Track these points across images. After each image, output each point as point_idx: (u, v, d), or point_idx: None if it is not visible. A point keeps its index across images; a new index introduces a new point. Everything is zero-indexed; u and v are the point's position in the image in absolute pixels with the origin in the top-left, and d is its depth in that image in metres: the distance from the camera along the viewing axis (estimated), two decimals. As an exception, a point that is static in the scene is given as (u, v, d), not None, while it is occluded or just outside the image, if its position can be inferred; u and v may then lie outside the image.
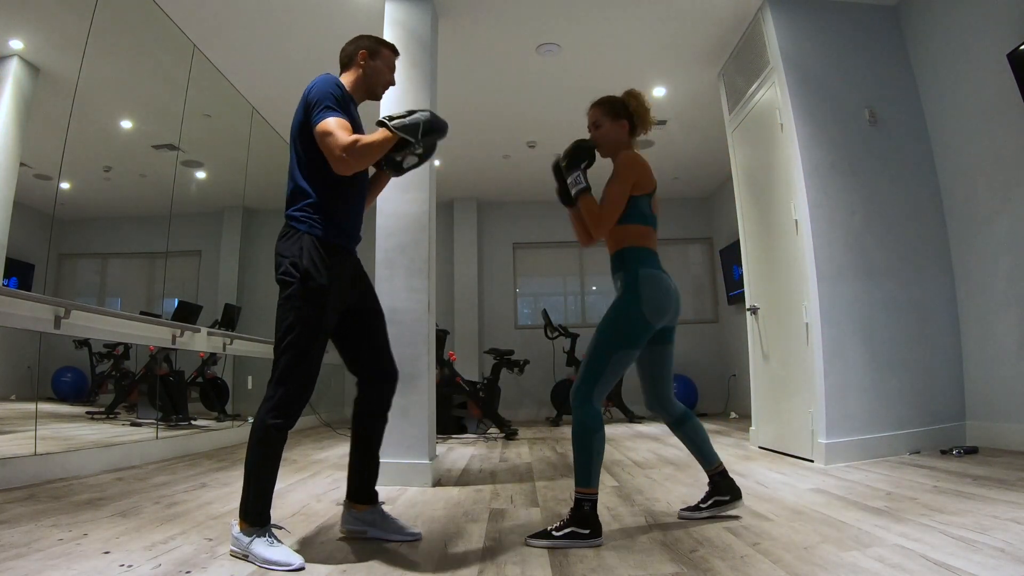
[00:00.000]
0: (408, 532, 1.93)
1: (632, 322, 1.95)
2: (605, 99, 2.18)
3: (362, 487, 1.96)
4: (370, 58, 2.00)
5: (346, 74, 2.02)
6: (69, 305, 3.06)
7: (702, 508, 2.11)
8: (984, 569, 1.42)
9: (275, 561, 1.61)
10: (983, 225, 3.30)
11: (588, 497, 1.86)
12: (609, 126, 2.13)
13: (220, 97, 4.70)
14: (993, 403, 3.22)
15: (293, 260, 1.80)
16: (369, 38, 2.04)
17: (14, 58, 3.45)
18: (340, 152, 1.72)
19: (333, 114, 1.77)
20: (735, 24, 3.91)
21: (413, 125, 1.81)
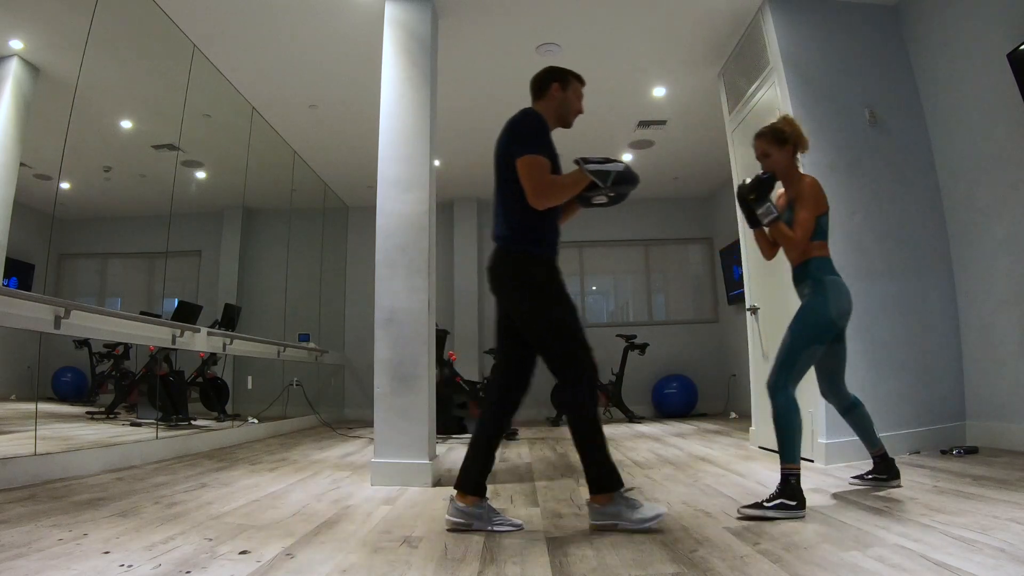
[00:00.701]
0: (511, 523, 2.02)
1: (822, 322, 2.28)
2: (767, 130, 2.44)
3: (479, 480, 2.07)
4: (562, 89, 2.18)
5: (539, 103, 2.20)
6: (69, 305, 3.06)
7: (866, 479, 2.47)
8: (984, 569, 1.42)
9: (650, 516, 1.89)
10: (983, 225, 3.30)
11: (793, 472, 2.11)
12: (777, 154, 2.41)
13: (220, 97, 4.71)
14: (993, 403, 3.22)
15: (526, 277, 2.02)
16: (561, 71, 2.21)
17: (14, 58, 3.45)
18: (536, 190, 1.97)
19: (535, 151, 1.99)
20: (735, 24, 3.91)
21: (605, 173, 2.04)
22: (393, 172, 3.18)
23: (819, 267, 2.33)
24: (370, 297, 3.16)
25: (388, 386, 2.99)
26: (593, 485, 1.96)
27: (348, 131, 5.41)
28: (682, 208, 7.66)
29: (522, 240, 2.04)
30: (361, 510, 2.35)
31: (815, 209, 2.32)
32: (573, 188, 2.03)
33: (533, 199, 1.97)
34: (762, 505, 2.05)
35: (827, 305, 2.28)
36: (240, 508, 2.34)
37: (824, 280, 2.31)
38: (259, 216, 6.04)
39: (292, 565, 1.64)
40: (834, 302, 2.29)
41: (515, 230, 2.05)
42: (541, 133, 2.06)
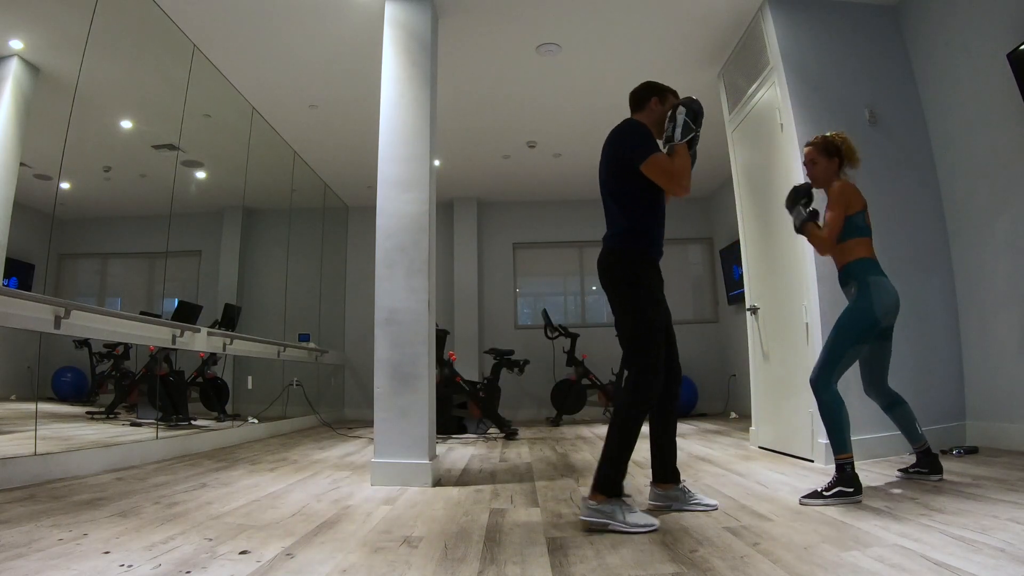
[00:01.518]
0: (706, 503, 2.21)
1: (867, 321, 2.39)
2: (819, 140, 2.58)
3: (666, 468, 2.28)
4: (660, 104, 2.33)
5: (638, 115, 2.35)
6: (69, 305, 3.06)
7: (909, 472, 2.55)
8: (984, 569, 1.42)
9: (640, 524, 1.92)
10: (983, 225, 3.30)
11: (847, 461, 2.25)
12: (824, 164, 2.55)
13: (220, 97, 4.71)
14: (993, 403, 3.22)
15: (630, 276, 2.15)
16: (658, 86, 2.37)
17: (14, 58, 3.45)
18: (673, 179, 2.14)
19: (655, 151, 2.15)
20: (735, 24, 3.91)
21: (686, 127, 2.20)
22: (393, 172, 3.18)
23: (862, 268, 2.44)
24: (370, 297, 3.16)
25: (388, 386, 2.99)
26: (597, 483, 2.02)
27: (348, 131, 5.41)
28: (682, 208, 7.65)
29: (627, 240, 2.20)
30: (361, 510, 2.35)
31: (843, 209, 2.43)
32: (686, 159, 2.18)
33: (676, 189, 2.15)
34: (821, 494, 2.19)
35: (872, 305, 2.38)
36: (240, 508, 2.34)
37: (868, 281, 2.41)
38: (259, 216, 6.04)
39: (292, 565, 1.64)
40: (878, 302, 2.39)
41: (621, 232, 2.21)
42: (650, 136, 2.21)
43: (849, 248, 2.47)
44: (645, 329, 2.10)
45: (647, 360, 2.08)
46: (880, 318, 2.39)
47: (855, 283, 2.45)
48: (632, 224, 2.19)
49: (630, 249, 2.18)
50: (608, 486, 2.00)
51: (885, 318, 2.41)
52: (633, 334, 2.12)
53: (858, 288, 2.43)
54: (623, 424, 2.05)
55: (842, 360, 2.38)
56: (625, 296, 2.15)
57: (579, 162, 6.35)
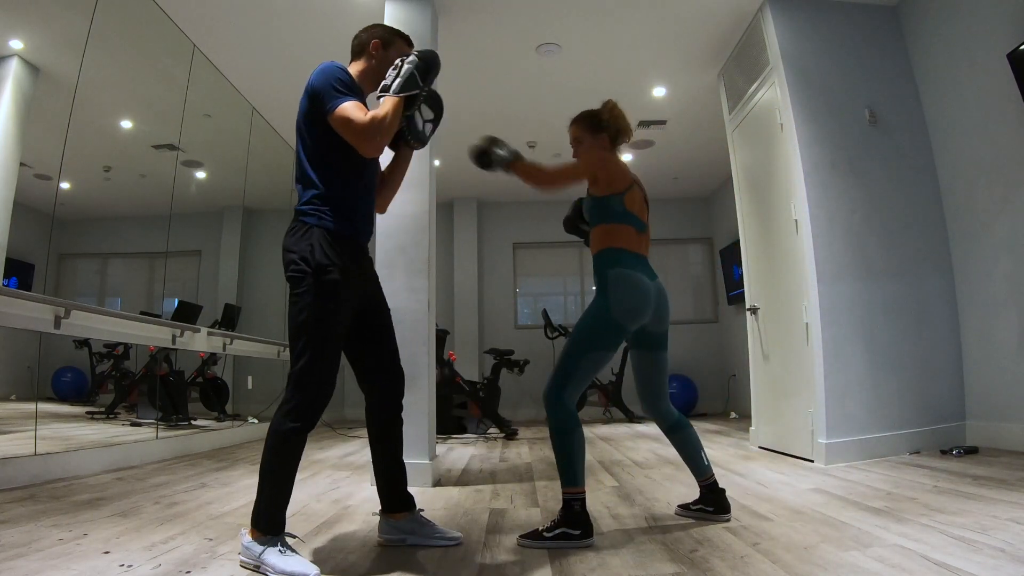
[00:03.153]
0: (448, 536, 1.86)
1: (602, 324, 1.94)
2: (582, 115, 2.19)
3: (394, 494, 1.88)
4: (383, 48, 1.89)
5: (355, 63, 1.91)
6: (69, 305, 3.06)
7: (691, 509, 2.13)
8: (984, 569, 1.42)
9: (290, 572, 1.53)
10: (983, 225, 3.30)
11: (576, 496, 1.86)
12: (590, 141, 2.15)
13: (220, 97, 4.71)
14: (993, 403, 3.22)
15: (303, 255, 1.68)
16: (384, 27, 1.95)
17: (14, 58, 3.45)
18: (363, 132, 1.65)
19: (346, 98, 1.69)
20: (735, 24, 3.91)
21: (409, 78, 1.74)
22: (393, 172, 3.17)
23: (606, 259, 2.01)
24: (370, 297, 3.16)
25: (388, 386, 2.99)
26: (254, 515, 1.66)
27: (348, 131, 5.41)
28: (682, 208, 7.66)
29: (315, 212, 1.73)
30: (361, 510, 2.35)
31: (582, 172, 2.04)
32: (393, 115, 1.70)
33: (365, 146, 1.67)
34: (541, 535, 1.83)
35: (607, 304, 1.94)
36: (240, 508, 2.34)
37: (607, 274, 1.97)
38: (259, 216, 6.03)
39: (292, 565, 1.64)
40: (616, 300, 1.93)
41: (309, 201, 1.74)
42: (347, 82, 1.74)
43: (602, 233, 2.03)
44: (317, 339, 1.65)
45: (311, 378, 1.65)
46: (621, 320, 1.93)
47: (597, 277, 2.02)
48: (324, 194, 1.73)
49: (321, 227, 1.71)
50: (262, 521, 1.62)
51: (627, 318, 1.94)
52: (302, 343, 1.65)
53: (598, 284, 2.01)
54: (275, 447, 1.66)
55: (576, 372, 1.91)
56: (301, 290, 1.68)
57: (579, 162, 6.35)
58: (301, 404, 1.65)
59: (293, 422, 1.64)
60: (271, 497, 1.64)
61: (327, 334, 1.67)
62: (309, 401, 1.66)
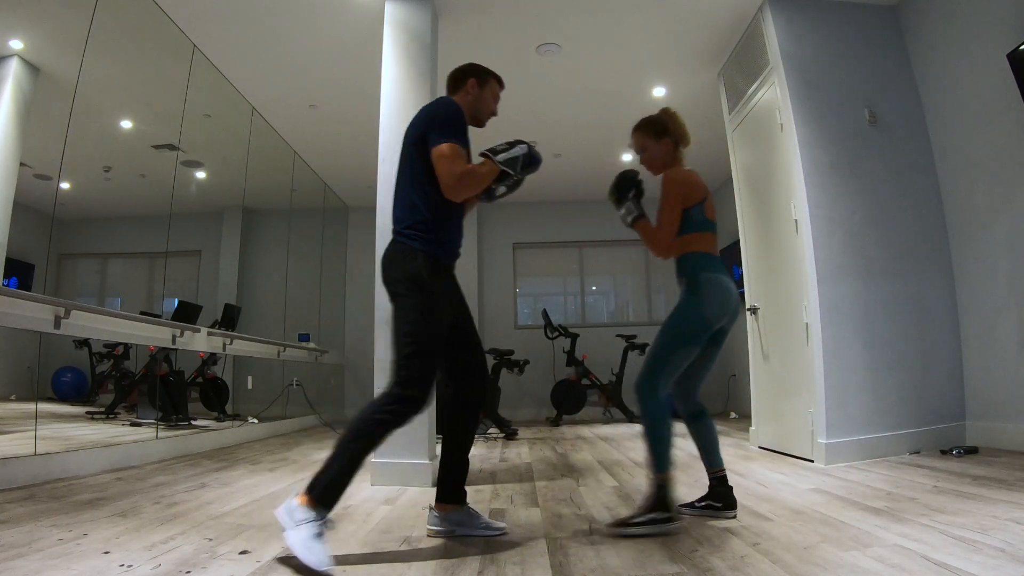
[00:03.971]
0: (495, 527, 1.97)
1: (693, 322, 2.09)
2: (644, 122, 2.31)
3: (454, 488, 2.00)
4: (479, 87, 2.08)
5: (454, 97, 2.08)
6: (69, 305, 3.06)
7: (696, 506, 2.16)
8: (984, 569, 1.42)
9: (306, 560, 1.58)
10: (983, 225, 3.30)
11: (665, 481, 1.97)
12: (654, 147, 2.27)
13: (220, 97, 4.71)
14: (993, 403, 3.23)
15: (410, 275, 1.86)
16: (479, 67, 2.12)
17: (14, 58, 3.45)
18: (454, 180, 1.84)
19: (453, 140, 1.86)
20: (735, 24, 3.91)
21: (514, 159, 1.96)
22: (393, 172, 3.15)
23: (695, 264, 2.14)
24: (370, 297, 3.16)
25: (388, 386, 2.99)
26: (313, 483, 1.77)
27: (348, 131, 5.41)
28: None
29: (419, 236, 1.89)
30: (361, 510, 2.35)
31: (674, 205, 2.14)
32: (486, 178, 1.93)
33: (449, 189, 1.85)
34: (631, 522, 1.92)
35: (700, 305, 2.09)
36: (240, 508, 2.34)
37: (699, 278, 2.11)
38: (259, 216, 6.03)
39: (291, 566, 1.64)
40: (708, 301, 2.09)
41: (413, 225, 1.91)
42: (462, 123, 1.95)
43: (684, 242, 2.17)
44: (420, 345, 1.82)
45: (412, 379, 1.79)
46: (711, 319, 2.09)
47: (685, 280, 2.16)
48: (429, 217, 1.89)
49: (423, 249, 1.88)
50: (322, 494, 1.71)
51: (717, 319, 2.10)
52: (406, 349, 1.82)
53: (687, 286, 2.14)
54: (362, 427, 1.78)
55: (668, 366, 2.06)
56: (405, 303, 1.86)
57: (579, 162, 6.35)
58: (403, 407, 1.79)
59: (389, 415, 1.78)
60: (338, 474, 1.74)
61: (432, 346, 1.85)
62: (409, 405, 1.80)
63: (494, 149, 1.96)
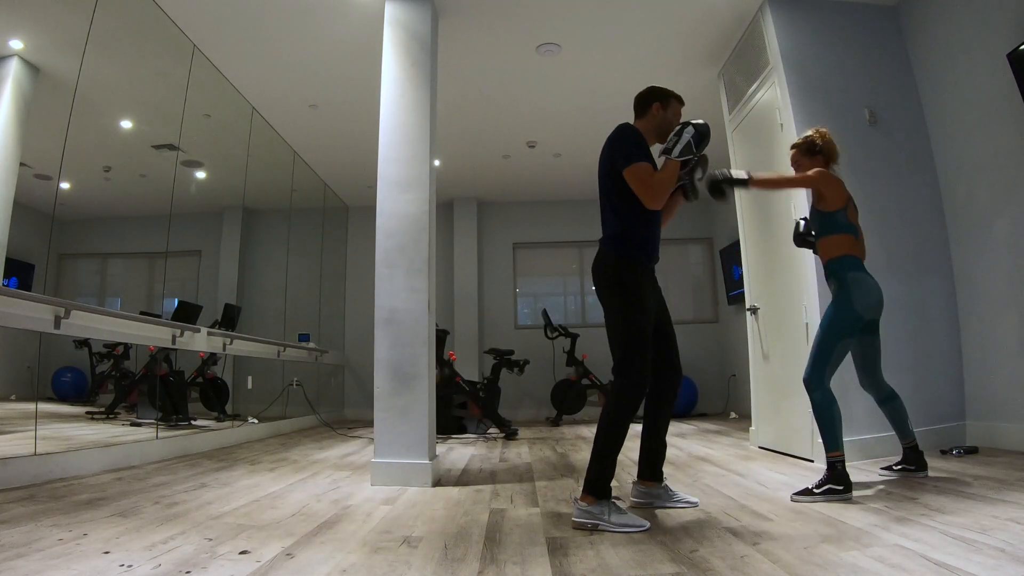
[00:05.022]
0: (688, 500, 2.28)
1: (848, 317, 2.45)
2: (801, 142, 2.65)
3: (654, 466, 2.32)
4: (663, 109, 2.33)
5: (640, 121, 2.35)
6: (69, 305, 3.06)
7: (894, 469, 2.63)
8: (984, 569, 1.42)
9: (629, 523, 1.95)
10: (983, 225, 3.30)
11: (838, 459, 2.31)
12: (808, 164, 2.59)
13: (220, 97, 4.71)
14: (993, 403, 3.22)
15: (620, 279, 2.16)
16: (663, 91, 2.36)
17: (14, 58, 3.45)
18: (650, 191, 2.14)
19: (640, 160, 2.16)
20: (735, 24, 3.91)
21: (687, 146, 2.18)
22: (393, 172, 3.18)
23: (841, 265, 2.49)
24: (370, 297, 3.17)
25: (388, 386, 2.99)
26: (586, 485, 2.06)
27: (348, 131, 5.41)
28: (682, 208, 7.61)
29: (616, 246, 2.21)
30: (361, 510, 2.35)
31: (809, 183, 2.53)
32: (672, 176, 2.18)
33: (649, 201, 2.14)
34: (811, 492, 2.25)
35: (851, 301, 2.44)
36: (240, 508, 2.34)
37: (847, 277, 2.47)
38: (259, 216, 6.03)
39: (292, 565, 1.64)
40: (858, 298, 2.44)
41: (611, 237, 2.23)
42: (640, 144, 2.22)
43: (831, 244, 2.53)
44: (631, 336, 2.12)
45: (632, 368, 2.10)
46: (861, 313, 2.45)
47: (835, 280, 2.51)
48: (623, 229, 2.21)
49: (620, 254, 2.19)
50: (596, 488, 2.03)
51: (867, 312, 2.46)
52: (620, 341, 2.14)
53: (838, 285, 2.50)
54: (607, 429, 2.08)
55: (831, 357, 2.44)
56: (613, 302, 2.18)
57: (579, 162, 6.34)
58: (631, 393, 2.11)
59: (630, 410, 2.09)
60: (606, 470, 2.06)
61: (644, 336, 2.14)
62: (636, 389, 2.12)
63: (667, 148, 2.20)
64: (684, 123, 2.23)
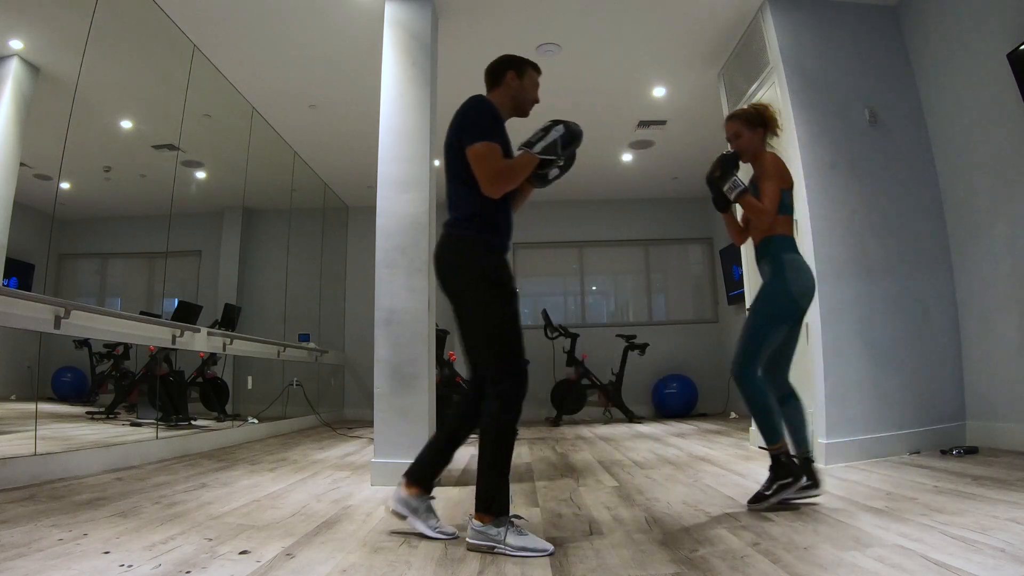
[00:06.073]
0: (444, 531, 1.95)
1: (782, 302, 2.24)
2: (740, 112, 2.46)
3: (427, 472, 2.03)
4: (518, 78, 2.09)
5: (493, 93, 2.10)
6: (69, 305, 3.06)
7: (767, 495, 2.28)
8: (984, 569, 1.42)
9: (531, 548, 1.73)
10: (983, 225, 3.30)
11: (780, 450, 2.16)
12: (749, 135, 2.42)
13: (220, 97, 4.71)
14: (993, 403, 3.22)
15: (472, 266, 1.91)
16: (516, 59, 2.12)
17: (14, 58, 3.45)
18: (489, 178, 1.89)
19: (489, 139, 1.91)
20: (735, 24, 3.91)
21: (552, 145, 1.97)
22: (393, 172, 3.18)
23: (780, 245, 2.30)
24: (370, 297, 3.16)
25: (388, 386, 2.99)
26: (479, 503, 1.84)
27: (348, 131, 5.41)
28: (682, 208, 7.66)
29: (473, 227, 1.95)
30: (361, 510, 2.35)
31: (779, 182, 2.31)
32: (524, 170, 1.96)
33: (488, 187, 1.89)
34: (764, 496, 2.12)
35: (787, 285, 2.24)
36: (240, 508, 2.34)
37: (783, 259, 2.28)
38: (259, 216, 6.03)
39: (292, 565, 1.64)
40: (794, 281, 2.25)
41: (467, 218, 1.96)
42: (496, 120, 1.99)
43: (775, 222, 2.31)
44: (506, 329, 1.88)
45: (512, 366, 1.86)
46: (797, 299, 2.24)
47: (769, 260, 2.31)
48: (482, 209, 1.95)
49: (481, 237, 1.94)
50: (492, 506, 1.81)
51: (802, 299, 2.25)
52: (493, 336, 1.88)
53: (772, 266, 2.30)
54: (497, 440, 1.85)
55: (763, 347, 2.23)
56: (477, 294, 1.90)
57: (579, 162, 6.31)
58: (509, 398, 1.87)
59: (510, 416, 1.86)
60: (498, 485, 1.84)
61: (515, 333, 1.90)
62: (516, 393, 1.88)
63: (530, 141, 1.98)
64: (556, 120, 2.02)
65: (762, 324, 2.24)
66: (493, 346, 1.88)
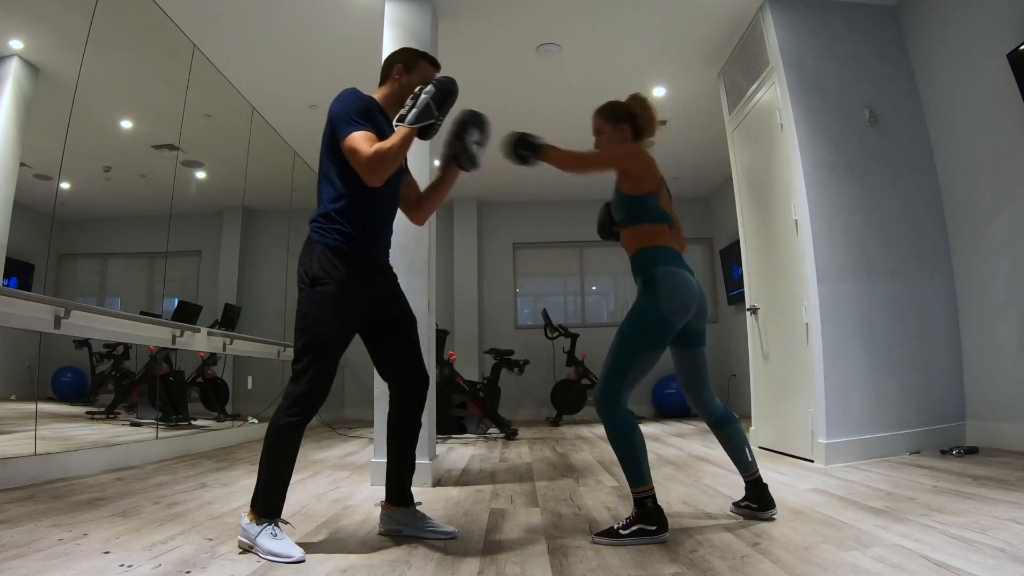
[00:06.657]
0: (442, 531, 1.95)
1: (653, 322, 1.93)
2: (605, 105, 2.17)
3: (397, 489, 2.00)
4: (406, 72, 1.98)
5: (382, 88, 2.02)
6: (69, 305, 3.06)
7: (740, 506, 2.13)
8: (984, 569, 1.42)
9: (277, 552, 1.67)
10: (983, 225, 3.30)
11: (646, 494, 1.86)
12: (610, 133, 2.13)
13: (220, 97, 4.71)
14: (993, 403, 3.22)
15: (306, 268, 1.86)
16: (408, 51, 2.05)
17: (14, 58, 3.45)
18: (366, 164, 1.76)
19: (356, 128, 1.80)
20: (735, 24, 3.90)
21: (425, 109, 1.81)
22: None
23: (651, 258, 2.01)
24: (370, 297, 3.16)
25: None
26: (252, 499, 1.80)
27: (348, 131, 5.41)
28: (682, 208, 7.53)
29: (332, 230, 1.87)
30: (361, 510, 2.35)
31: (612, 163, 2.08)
32: (401, 147, 1.80)
33: (367, 175, 1.78)
34: (618, 533, 1.82)
35: (656, 302, 1.93)
36: (240, 508, 2.34)
37: (655, 273, 1.97)
38: (259, 216, 6.03)
39: (292, 565, 1.64)
40: (665, 297, 1.93)
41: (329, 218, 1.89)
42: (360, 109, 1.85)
43: (639, 233, 2.04)
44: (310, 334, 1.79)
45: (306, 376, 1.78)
46: (668, 317, 1.92)
47: (641, 276, 2.02)
48: (331, 210, 1.88)
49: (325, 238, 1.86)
50: (260, 504, 1.75)
51: (676, 316, 1.93)
52: (295, 337, 1.82)
53: (643, 282, 2.00)
54: (275, 434, 1.80)
55: (629, 373, 1.90)
56: (301, 291, 1.84)
57: (579, 162, 6.35)
58: (298, 399, 1.80)
59: (290, 416, 1.80)
60: (268, 484, 1.79)
61: (323, 339, 1.81)
62: (305, 397, 1.81)
63: (401, 116, 1.83)
64: (427, 79, 1.90)
65: (629, 348, 1.91)
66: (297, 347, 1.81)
